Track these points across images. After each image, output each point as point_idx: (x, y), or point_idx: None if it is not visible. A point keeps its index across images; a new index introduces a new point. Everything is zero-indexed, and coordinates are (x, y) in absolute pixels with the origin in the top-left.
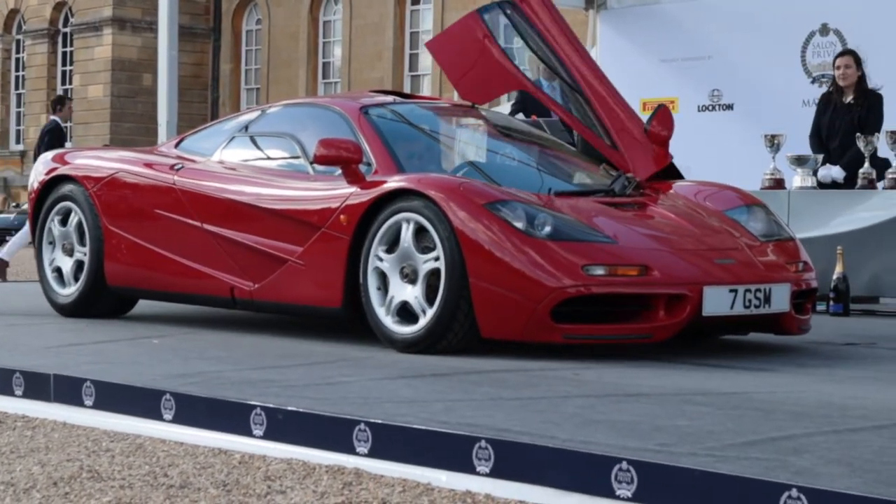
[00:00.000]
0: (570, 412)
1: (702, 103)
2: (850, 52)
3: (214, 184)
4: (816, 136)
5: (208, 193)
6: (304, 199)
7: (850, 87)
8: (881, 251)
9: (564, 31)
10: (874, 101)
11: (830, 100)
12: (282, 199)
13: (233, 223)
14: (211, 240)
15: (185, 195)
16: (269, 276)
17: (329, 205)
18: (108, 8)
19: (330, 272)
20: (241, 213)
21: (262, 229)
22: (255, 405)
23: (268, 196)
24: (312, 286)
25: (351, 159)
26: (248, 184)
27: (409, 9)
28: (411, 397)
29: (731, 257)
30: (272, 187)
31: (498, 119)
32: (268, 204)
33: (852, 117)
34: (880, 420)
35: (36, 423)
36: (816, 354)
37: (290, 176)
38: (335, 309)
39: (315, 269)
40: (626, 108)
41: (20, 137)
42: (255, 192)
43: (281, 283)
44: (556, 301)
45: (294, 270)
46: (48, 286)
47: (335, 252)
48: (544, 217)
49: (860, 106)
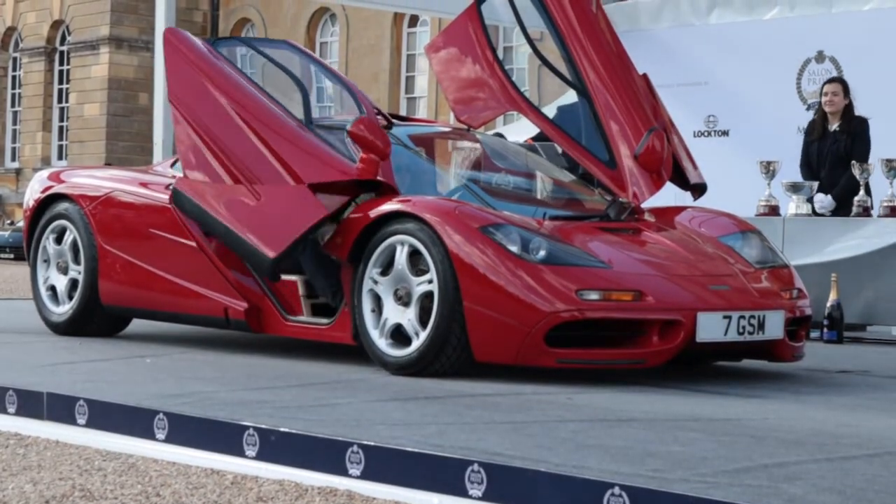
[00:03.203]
0: (563, 436)
1: (697, 129)
2: (838, 80)
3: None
4: (807, 165)
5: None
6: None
7: (837, 114)
8: (876, 279)
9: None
10: (859, 128)
11: (814, 128)
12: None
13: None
14: (205, 260)
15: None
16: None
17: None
18: (105, 27)
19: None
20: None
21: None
22: (248, 426)
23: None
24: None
25: (378, 148)
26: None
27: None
28: (404, 420)
29: (726, 284)
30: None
31: (493, 143)
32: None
33: (839, 146)
34: (873, 448)
35: (29, 441)
36: (810, 382)
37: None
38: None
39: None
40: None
41: (16, 155)
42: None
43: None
44: (549, 325)
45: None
46: (42, 304)
47: None
48: (539, 241)
49: (846, 133)
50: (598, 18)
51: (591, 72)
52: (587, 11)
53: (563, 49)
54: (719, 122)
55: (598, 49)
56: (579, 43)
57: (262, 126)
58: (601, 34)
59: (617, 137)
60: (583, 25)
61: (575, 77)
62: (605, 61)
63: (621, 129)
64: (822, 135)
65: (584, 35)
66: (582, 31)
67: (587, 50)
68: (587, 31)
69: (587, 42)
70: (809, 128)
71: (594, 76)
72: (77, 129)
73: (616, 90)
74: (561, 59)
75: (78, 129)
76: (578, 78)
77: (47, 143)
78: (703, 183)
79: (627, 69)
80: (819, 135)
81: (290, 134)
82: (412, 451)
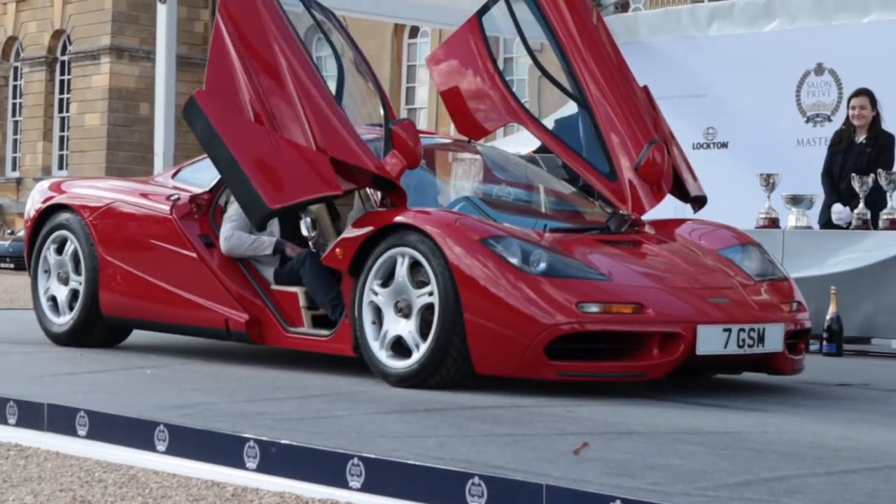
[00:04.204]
0: (564, 449)
1: (696, 141)
2: (865, 93)
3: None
4: (828, 174)
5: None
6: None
7: (864, 127)
8: (875, 292)
9: (582, 21)
10: (886, 142)
11: (842, 139)
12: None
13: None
14: (206, 271)
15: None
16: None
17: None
18: (106, 37)
19: None
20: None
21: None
22: (249, 438)
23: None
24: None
25: (412, 154)
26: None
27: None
28: (404, 432)
29: (726, 296)
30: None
31: (494, 155)
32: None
33: (863, 158)
34: (873, 462)
35: (29, 453)
36: (809, 395)
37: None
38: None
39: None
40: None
41: (16, 165)
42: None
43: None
44: (550, 338)
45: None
46: (43, 315)
47: None
48: (539, 253)
49: (872, 146)
50: (598, 30)
51: (592, 84)
52: (588, 23)
53: (563, 61)
54: (718, 133)
55: (599, 61)
56: (580, 55)
57: (303, 82)
58: (602, 46)
59: (617, 149)
60: (583, 37)
61: (576, 89)
62: (606, 73)
63: (622, 142)
64: (849, 147)
65: (584, 47)
66: (583, 42)
67: (588, 62)
68: (588, 43)
69: (588, 54)
70: (836, 138)
71: (595, 88)
72: (78, 139)
73: (617, 102)
74: (561, 71)
75: (79, 138)
76: (579, 90)
77: (48, 153)
78: (703, 195)
79: (628, 81)
80: (845, 146)
81: (327, 102)
82: (413, 464)
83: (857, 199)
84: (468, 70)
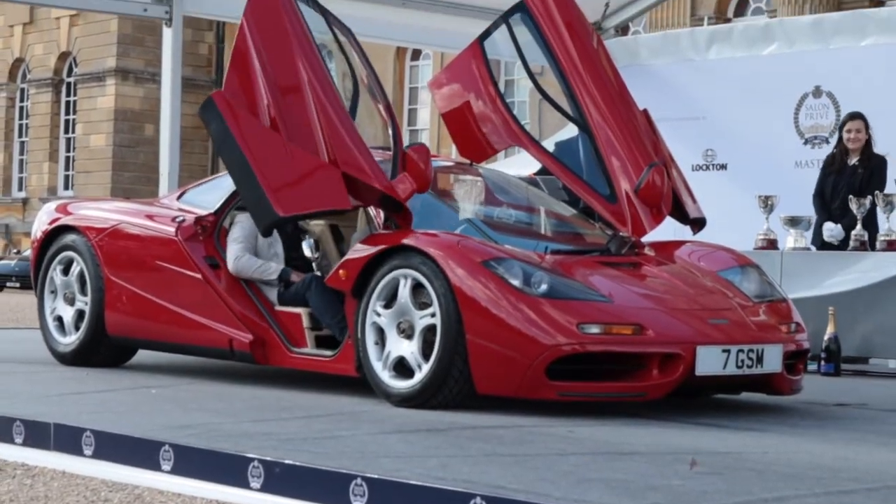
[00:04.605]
0: (565, 470)
1: (696, 163)
2: (860, 116)
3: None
4: (820, 196)
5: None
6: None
7: (858, 150)
8: (872, 312)
9: (582, 45)
10: (878, 165)
11: (834, 160)
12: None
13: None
14: (211, 292)
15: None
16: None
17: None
18: (111, 59)
19: None
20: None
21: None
22: (253, 458)
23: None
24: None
25: (423, 178)
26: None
27: (408, 64)
28: (407, 452)
29: (725, 317)
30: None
31: (495, 177)
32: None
33: (855, 179)
34: (871, 482)
35: (35, 472)
36: (808, 415)
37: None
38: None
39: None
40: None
41: (22, 185)
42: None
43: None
44: (551, 358)
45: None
46: (49, 335)
47: None
48: (540, 275)
49: (864, 168)
50: (598, 53)
51: (593, 107)
52: (588, 46)
53: (564, 84)
54: (717, 156)
55: (599, 84)
56: (580, 78)
57: (321, 97)
58: (602, 70)
59: (618, 172)
60: (584, 60)
61: (576, 112)
62: (606, 97)
63: (622, 165)
64: (841, 168)
65: (585, 70)
66: (583, 66)
67: (588, 85)
68: (588, 67)
69: (588, 77)
70: (829, 160)
71: (595, 112)
72: (83, 160)
73: (617, 125)
74: (562, 94)
75: (84, 159)
76: (580, 113)
77: (54, 174)
78: (703, 217)
79: (628, 104)
80: (838, 168)
81: (343, 119)
82: (415, 485)
83: (848, 219)
84: (470, 94)
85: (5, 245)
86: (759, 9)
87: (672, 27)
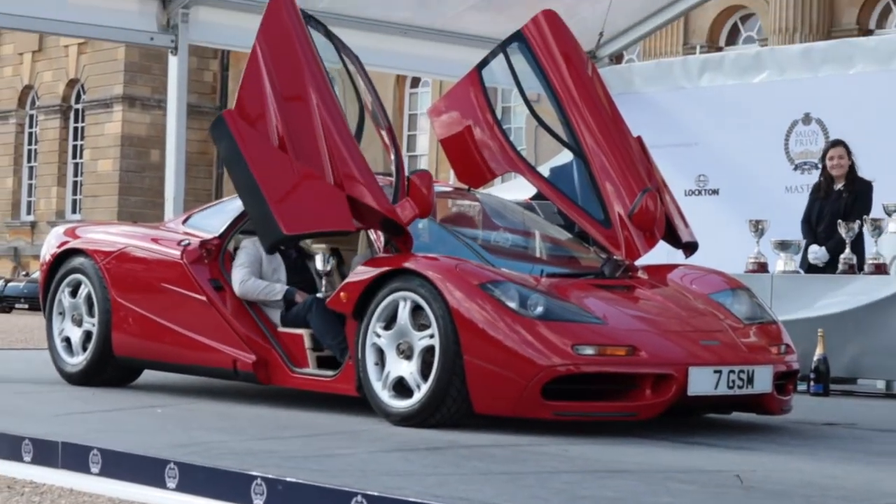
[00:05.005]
0: (558, 487)
1: (689, 188)
2: (842, 143)
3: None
4: (807, 221)
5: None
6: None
7: (842, 175)
8: (860, 334)
9: (578, 74)
10: (862, 189)
11: (820, 187)
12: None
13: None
14: (215, 313)
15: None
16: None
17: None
18: (118, 86)
19: None
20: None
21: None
22: (256, 475)
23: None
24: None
25: (426, 204)
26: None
27: (408, 92)
28: (406, 470)
29: (716, 339)
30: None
31: (493, 202)
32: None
33: (840, 204)
34: (860, 500)
35: (44, 489)
36: (797, 434)
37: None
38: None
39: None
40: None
41: (31, 209)
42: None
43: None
44: (546, 379)
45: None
46: (57, 355)
47: None
48: (536, 298)
49: (849, 193)
50: (593, 81)
51: (588, 134)
52: (583, 75)
53: (560, 112)
54: (710, 181)
55: (594, 112)
56: (576, 106)
57: (329, 121)
58: (597, 97)
59: (612, 198)
60: (579, 89)
61: (572, 139)
62: (601, 124)
63: (616, 190)
64: (828, 194)
65: (580, 98)
66: (578, 94)
67: (583, 113)
68: (583, 95)
69: (583, 105)
70: (816, 187)
71: (590, 138)
72: (91, 184)
73: (611, 152)
74: (558, 121)
75: (92, 184)
76: (575, 139)
77: (62, 198)
78: (695, 241)
79: (622, 132)
80: (825, 194)
81: (350, 143)
82: (414, 501)
83: (833, 242)
84: (468, 120)
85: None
86: (750, 38)
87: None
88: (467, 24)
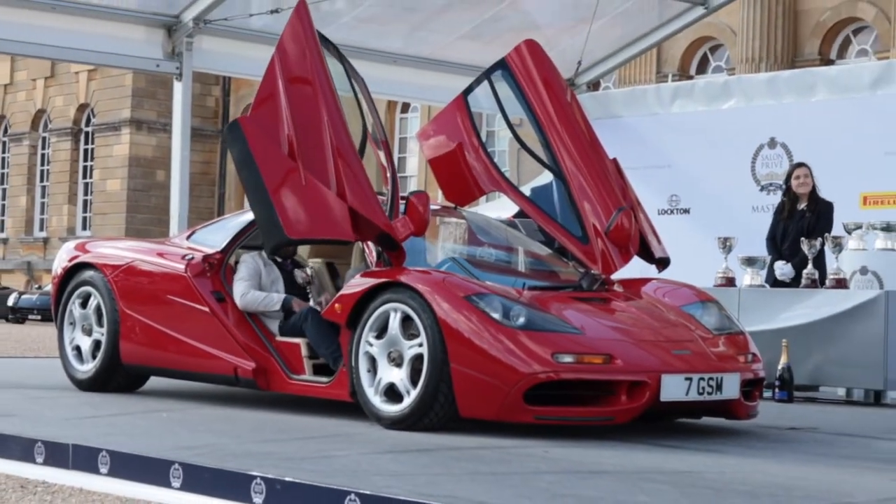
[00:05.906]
0: (541, 487)
1: (661, 207)
2: (805, 165)
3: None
4: (772, 239)
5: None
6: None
7: (805, 195)
8: (822, 344)
9: (558, 99)
10: (824, 209)
11: (784, 207)
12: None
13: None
14: (217, 324)
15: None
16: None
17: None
18: (126, 110)
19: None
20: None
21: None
22: (256, 475)
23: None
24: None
25: (422, 224)
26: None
27: (398, 116)
28: (397, 471)
29: (687, 348)
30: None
31: (478, 219)
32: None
33: (804, 223)
34: (822, 499)
35: (55, 489)
36: (763, 437)
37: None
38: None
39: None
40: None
41: (43, 225)
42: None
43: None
44: (528, 385)
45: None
46: (68, 363)
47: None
48: (518, 309)
49: (812, 212)
50: (572, 107)
51: (567, 156)
52: (563, 101)
53: (541, 135)
54: (681, 200)
55: (573, 136)
56: (556, 130)
57: (335, 136)
58: (575, 122)
59: (589, 215)
60: (559, 114)
61: (552, 160)
62: (579, 147)
63: (593, 209)
64: (791, 213)
65: (560, 123)
66: (558, 119)
67: (563, 136)
68: (563, 119)
69: (563, 129)
70: (780, 207)
71: (569, 160)
72: (100, 203)
73: (589, 173)
74: (539, 144)
75: (101, 202)
76: (555, 161)
77: (72, 215)
78: (667, 257)
79: (599, 154)
80: (788, 213)
81: (354, 159)
82: (405, 500)
83: (798, 259)
84: (455, 143)
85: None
86: (719, 67)
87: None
88: (454, 54)
